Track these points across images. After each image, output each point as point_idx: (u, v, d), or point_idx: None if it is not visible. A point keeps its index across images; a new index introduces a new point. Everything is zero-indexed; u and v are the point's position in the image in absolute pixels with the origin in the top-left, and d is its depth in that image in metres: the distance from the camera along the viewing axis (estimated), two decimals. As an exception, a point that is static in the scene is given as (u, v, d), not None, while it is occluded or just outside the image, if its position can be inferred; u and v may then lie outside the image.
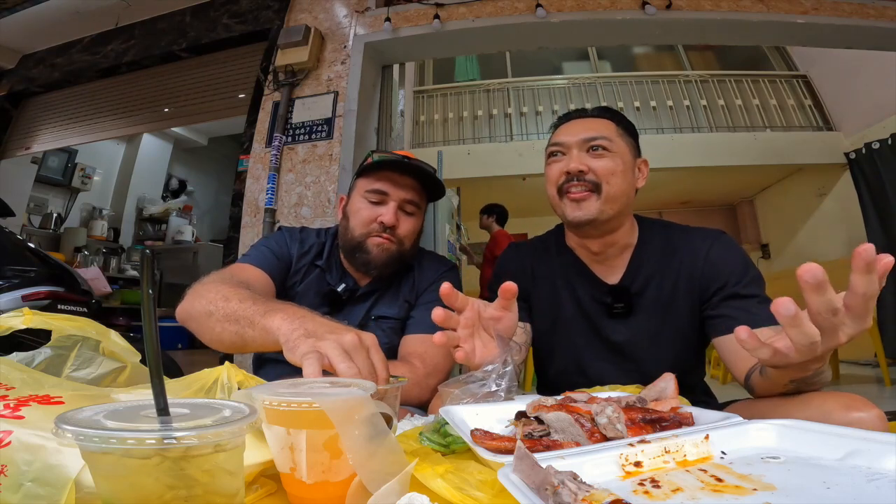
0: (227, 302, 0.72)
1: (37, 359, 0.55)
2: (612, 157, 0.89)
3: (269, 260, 1.01)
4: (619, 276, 0.94)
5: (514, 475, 0.31)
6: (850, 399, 0.59)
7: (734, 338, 0.47)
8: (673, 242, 0.94)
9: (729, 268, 0.87)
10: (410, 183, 1.02)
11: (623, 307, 0.92)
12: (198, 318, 0.76)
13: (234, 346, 0.72)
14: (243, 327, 0.68)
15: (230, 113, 2.88)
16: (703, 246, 0.90)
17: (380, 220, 0.99)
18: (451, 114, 5.46)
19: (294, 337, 0.59)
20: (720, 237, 0.92)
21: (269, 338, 0.63)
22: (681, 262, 0.91)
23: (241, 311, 0.70)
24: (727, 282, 0.86)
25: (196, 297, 0.78)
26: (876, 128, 4.37)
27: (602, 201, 0.87)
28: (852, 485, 0.32)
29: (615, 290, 0.93)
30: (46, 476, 0.32)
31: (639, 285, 0.93)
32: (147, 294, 0.31)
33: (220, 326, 0.72)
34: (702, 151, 4.91)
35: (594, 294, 0.95)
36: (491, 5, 2.57)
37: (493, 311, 0.66)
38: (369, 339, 0.58)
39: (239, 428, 0.30)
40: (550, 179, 0.93)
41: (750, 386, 0.73)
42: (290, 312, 0.65)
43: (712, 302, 0.87)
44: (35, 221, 4.37)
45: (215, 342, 0.75)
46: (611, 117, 0.95)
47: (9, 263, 1.99)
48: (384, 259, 1.00)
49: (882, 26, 2.56)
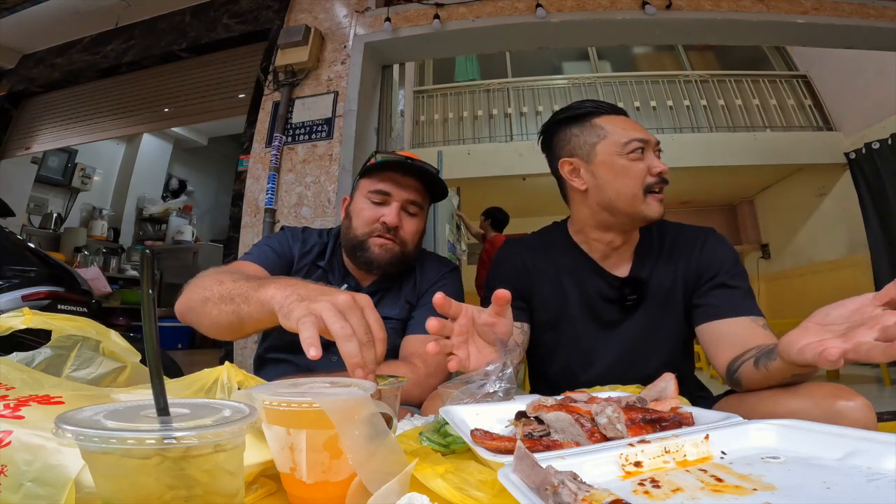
0: (221, 285, 0.73)
1: (37, 359, 0.55)
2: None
3: (270, 258, 1.02)
4: (627, 269, 0.97)
5: (514, 475, 0.31)
6: (837, 389, 0.61)
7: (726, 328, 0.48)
8: (670, 237, 0.97)
9: (720, 259, 0.91)
10: (413, 184, 1.02)
11: (636, 298, 0.95)
12: (195, 307, 0.77)
13: (231, 328, 0.71)
14: (238, 305, 0.68)
15: (230, 113, 2.88)
16: (698, 240, 0.95)
17: (382, 220, 0.99)
18: (451, 114, 5.45)
19: (288, 303, 0.59)
20: (714, 233, 0.97)
21: (265, 309, 0.63)
22: (679, 255, 0.94)
23: (236, 289, 0.70)
24: (718, 272, 0.89)
25: (192, 288, 0.79)
26: (876, 128, 4.36)
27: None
28: (852, 485, 0.32)
29: (628, 281, 0.95)
30: (46, 476, 0.32)
31: (645, 277, 0.95)
32: (147, 294, 0.31)
33: (217, 309, 0.72)
34: (702, 151, 4.91)
35: (604, 288, 0.96)
36: (491, 5, 2.57)
37: (487, 317, 0.66)
38: (363, 299, 0.57)
39: (239, 428, 0.30)
40: (636, 175, 0.90)
41: (735, 378, 0.74)
42: (282, 282, 0.64)
43: (700, 290, 0.90)
44: (35, 221, 4.37)
45: (214, 327, 0.75)
46: None
47: (9, 263, 1.99)
48: (386, 259, 1.00)
49: (882, 26, 2.55)
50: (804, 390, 0.63)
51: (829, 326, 0.52)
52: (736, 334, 0.80)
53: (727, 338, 0.81)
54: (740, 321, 0.82)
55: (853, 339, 0.46)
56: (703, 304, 0.88)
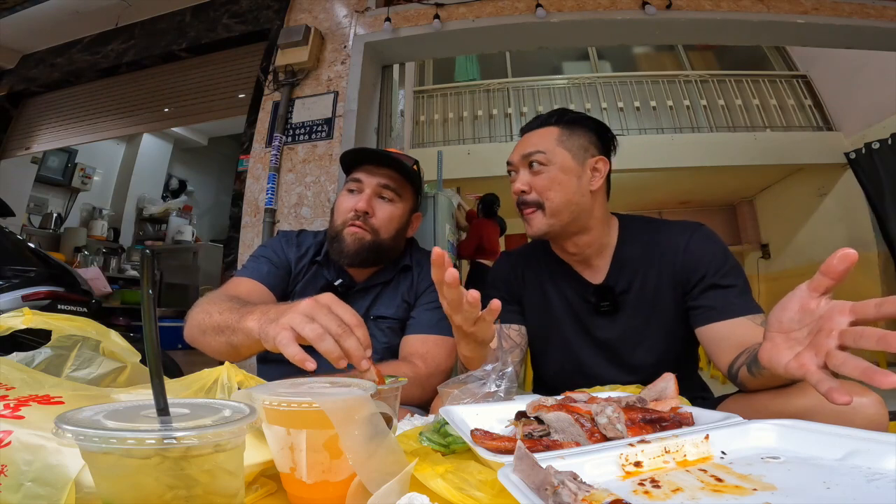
0: (210, 317, 0.76)
1: (37, 359, 0.55)
2: (548, 170, 0.91)
3: (265, 270, 1.03)
4: (604, 275, 0.96)
5: (514, 475, 0.31)
6: (848, 385, 0.59)
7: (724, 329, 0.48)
8: (654, 238, 0.95)
9: (707, 258, 0.88)
10: (385, 171, 1.04)
11: (609, 305, 0.94)
12: (197, 338, 0.81)
13: (231, 355, 0.74)
14: (229, 336, 0.71)
15: (230, 113, 2.88)
16: (682, 239, 0.92)
17: (354, 207, 1.01)
18: (451, 114, 5.45)
19: (263, 329, 0.61)
20: (699, 229, 0.94)
21: (252, 339, 0.65)
22: (662, 256, 0.92)
23: (223, 321, 0.73)
24: (706, 272, 0.87)
25: (191, 319, 0.83)
26: (876, 128, 4.36)
27: (547, 216, 0.91)
28: (852, 485, 0.32)
29: (599, 289, 0.95)
30: (46, 476, 0.32)
31: (624, 283, 0.94)
32: (147, 294, 0.31)
33: (214, 340, 0.75)
34: (702, 151, 4.91)
35: (581, 294, 0.97)
36: (491, 5, 2.57)
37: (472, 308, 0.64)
38: (325, 297, 0.58)
39: (239, 428, 0.30)
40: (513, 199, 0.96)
41: (738, 381, 0.74)
42: (261, 310, 0.66)
43: (693, 293, 0.88)
44: (35, 221, 4.37)
45: (217, 355, 0.78)
46: (556, 121, 0.96)
47: (9, 263, 1.99)
48: (355, 248, 1.00)
49: (882, 26, 2.55)
50: (812, 388, 0.62)
51: (791, 334, 0.50)
52: (734, 336, 0.79)
53: (726, 340, 0.80)
54: (737, 322, 0.81)
55: (822, 351, 0.45)
56: (698, 306, 0.87)
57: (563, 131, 0.94)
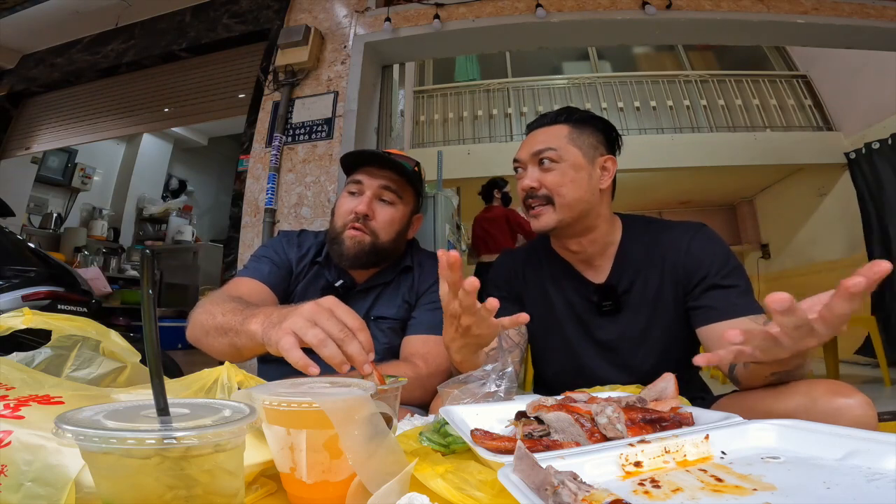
0: (213, 318, 0.76)
1: (37, 359, 0.55)
2: (560, 167, 0.91)
3: (266, 271, 1.03)
4: (606, 275, 0.96)
5: (514, 475, 0.31)
6: (836, 385, 0.60)
7: (724, 338, 0.49)
8: (656, 238, 0.95)
9: (709, 259, 0.88)
10: (386, 173, 1.04)
11: (611, 305, 0.94)
12: (200, 338, 0.81)
13: (234, 357, 0.74)
14: (232, 338, 0.71)
15: (230, 113, 2.88)
16: (684, 239, 0.92)
17: (354, 209, 1.01)
18: (451, 114, 5.45)
19: (266, 333, 0.61)
20: (701, 229, 0.94)
21: (255, 342, 0.65)
22: (664, 257, 0.92)
23: (226, 323, 0.73)
24: (708, 272, 0.87)
25: (194, 319, 0.83)
26: (876, 128, 4.35)
27: (558, 211, 0.91)
28: (852, 485, 0.32)
29: (602, 288, 0.95)
30: (46, 476, 0.32)
31: (626, 283, 0.94)
32: (147, 294, 0.31)
33: (217, 341, 0.75)
34: (702, 151, 4.90)
35: (583, 294, 0.97)
36: (491, 5, 2.57)
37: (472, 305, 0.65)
38: (328, 301, 0.58)
39: (239, 428, 0.30)
40: (519, 196, 0.96)
41: (734, 377, 0.75)
42: (265, 313, 0.66)
43: (694, 293, 0.88)
44: (35, 221, 4.36)
45: (220, 356, 0.79)
46: (566, 119, 0.96)
47: (9, 263, 1.99)
48: (355, 251, 1.00)
49: (882, 26, 2.55)
50: (803, 388, 0.63)
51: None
52: None
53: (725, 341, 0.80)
54: (739, 322, 0.81)
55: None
56: (699, 306, 0.87)
57: (574, 129, 0.94)
